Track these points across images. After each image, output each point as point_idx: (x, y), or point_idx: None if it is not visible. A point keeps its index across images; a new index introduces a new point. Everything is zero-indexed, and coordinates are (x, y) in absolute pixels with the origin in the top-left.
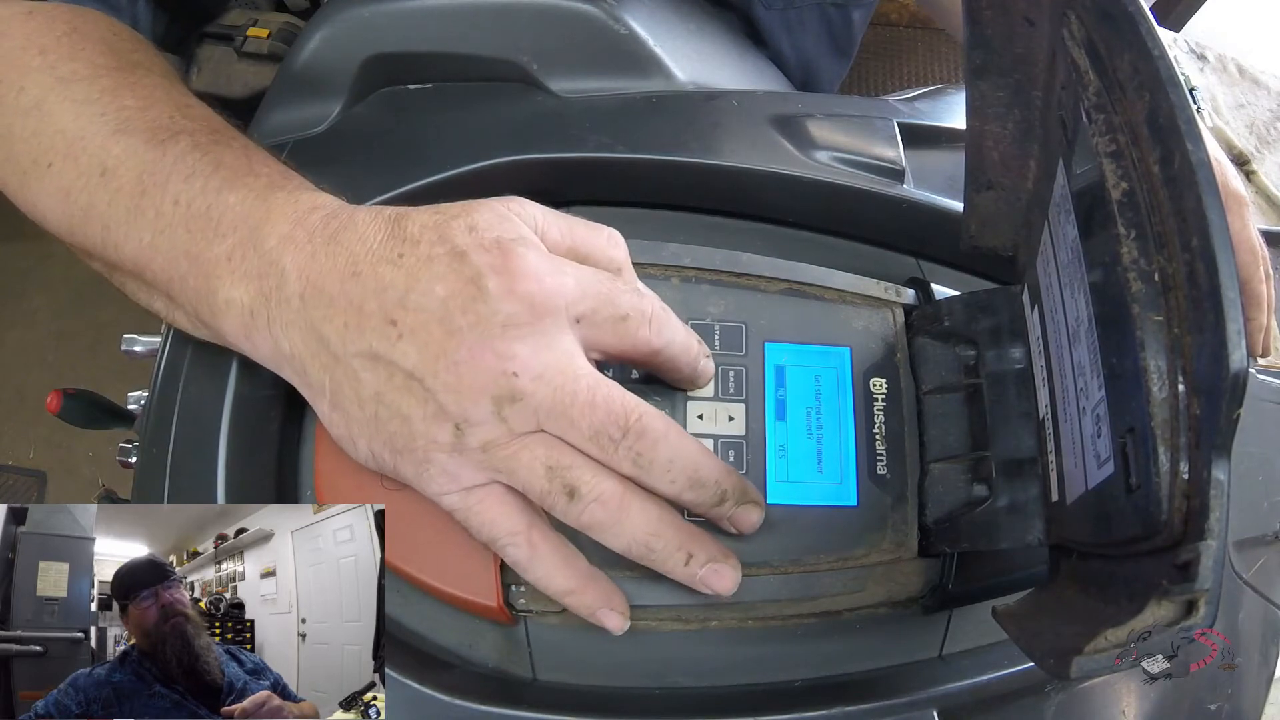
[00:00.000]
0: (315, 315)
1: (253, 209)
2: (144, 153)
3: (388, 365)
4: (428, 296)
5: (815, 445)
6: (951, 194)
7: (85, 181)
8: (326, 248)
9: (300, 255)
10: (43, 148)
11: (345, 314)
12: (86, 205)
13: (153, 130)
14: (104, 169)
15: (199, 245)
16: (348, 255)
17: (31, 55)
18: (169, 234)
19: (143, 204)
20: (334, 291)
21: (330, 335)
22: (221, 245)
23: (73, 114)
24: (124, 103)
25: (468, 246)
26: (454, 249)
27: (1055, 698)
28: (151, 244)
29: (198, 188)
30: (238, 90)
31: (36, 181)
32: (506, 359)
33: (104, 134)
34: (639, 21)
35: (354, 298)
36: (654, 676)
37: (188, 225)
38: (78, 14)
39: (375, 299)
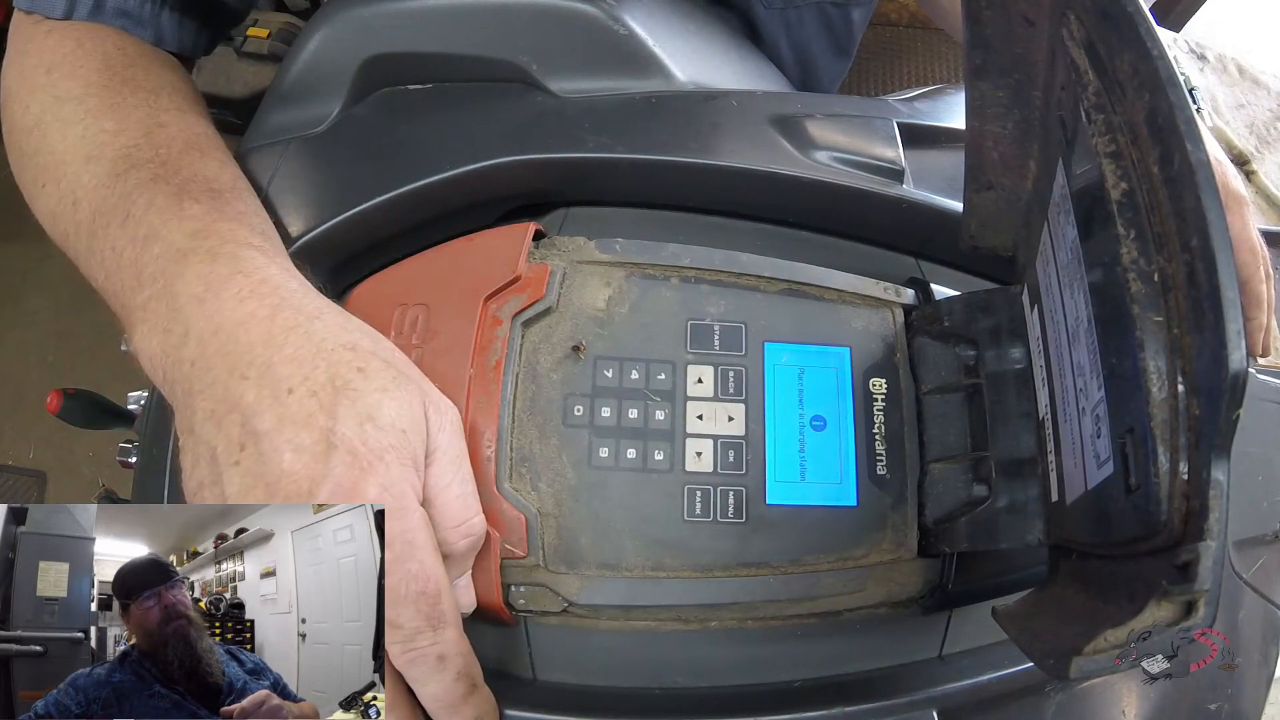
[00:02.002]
0: (196, 384)
1: (170, 263)
2: (102, 188)
3: (215, 475)
4: (275, 454)
5: (815, 445)
6: (951, 194)
7: (63, 208)
8: (232, 332)
9: (207, 324)
10: (40, 167)
11: (215, 403)
12: (64, 233)
13: (115, 160)
14: (75, 199)
15: (126, 294)
16: (245, 354)
17: (40, 73)
18: (111, 279)
19: (93, 246)
20: (217, 377)
21: (197, 409)
22: (141, 295)
23: (60, 135)
24: (102, 126)
25: (340, 442)
26: (330, 433)
27: (1055, 698)
28: (103, 285)
29: (129, 235)
30: (238, 90)
31: (35, 200)
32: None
33: (80, 160)
34: (639, 21)
35: (230, 396)
36: (654, 676)
37: (120, 274)
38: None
39: (241, 414)
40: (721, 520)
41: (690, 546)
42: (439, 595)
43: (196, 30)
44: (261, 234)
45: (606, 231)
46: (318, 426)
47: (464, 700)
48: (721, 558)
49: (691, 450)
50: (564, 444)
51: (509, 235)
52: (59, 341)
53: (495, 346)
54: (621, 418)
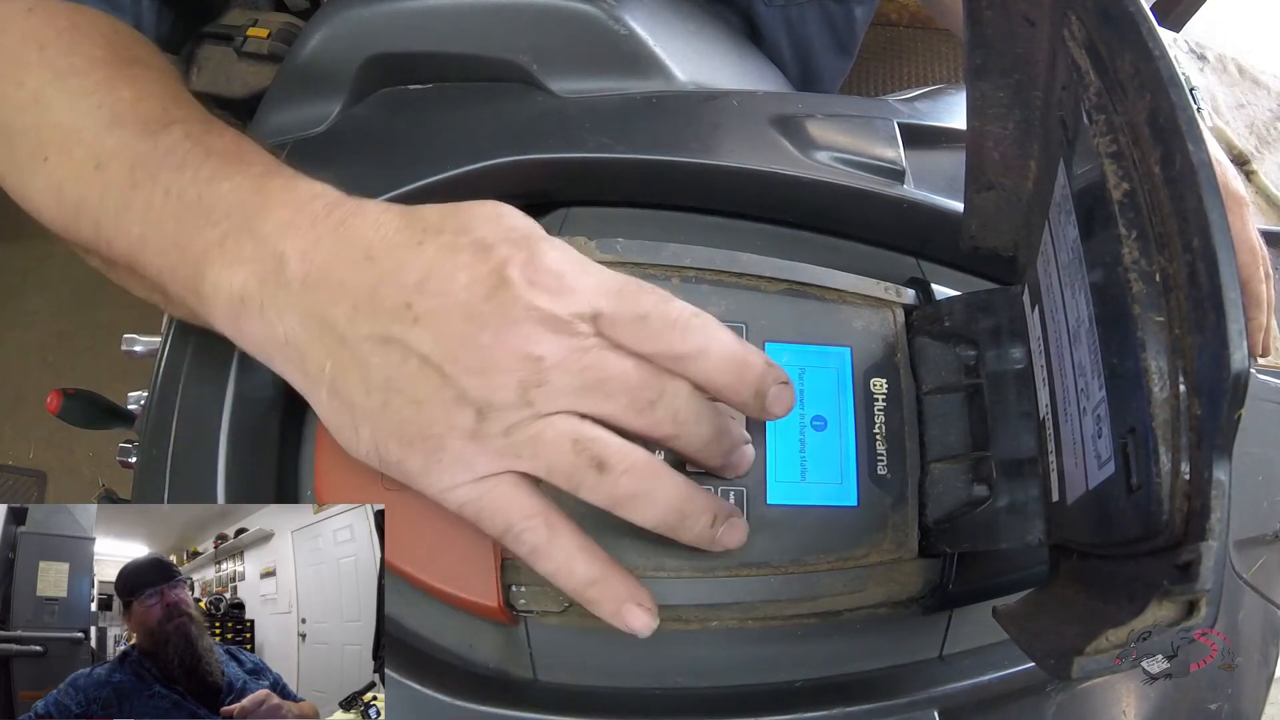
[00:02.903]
0: (320, 299)
1: (248, 196)
2: (136, 144)
3: (402, 349)
4: (450, 282)
5: (815, 445)
6: (951, 194)
7: (78, 176)
8: (334, 233)
9: (303, 240)
10: (40, 141)
11: (355, 297)
12: (79, 200)
13: (145, 122)
14: (98, 162)
15: (188, 234)
16: (360, 240)
17: (30, 50)
18: (159, 226)
19: (132, 197)
20: (343, 275)
21: (337, 319)
22: (213, 232)
23: (68, 107)
24: (120, 95)
25: (493, 238)
26: (478, 239)
27: (1056, 698)
28: (141, 236)
29: (188, 177)
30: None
31: (32, 176)
32: (533, 342)
33: (98, 127)
34: (639, 21)
35: (366, 281)
36: (654, 676)
37: (178, 216)
38: (77, 11)
39: (391, 282)
40: None
41: (690, 546)
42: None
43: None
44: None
45: (606, 231)
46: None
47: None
48: (721, 558)
49: None
50: None
51: None
52: (59, 341)
53: None
54: None
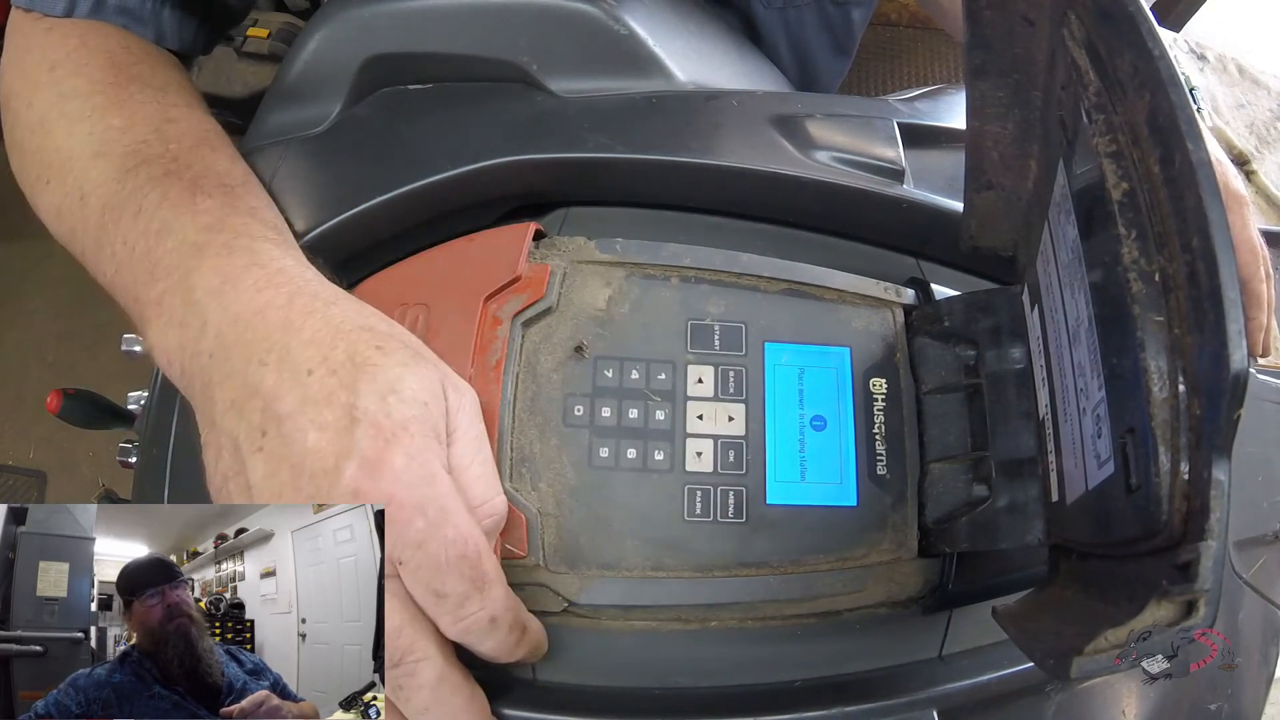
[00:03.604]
0: (215, 375)
1: (185, 256)
2: (110, 184)
3: (238, 463)
4: (299, 434)
5: (815, 445)
6: (951, 194)
7: (70, 204)
8: (250, 321)
9: (224, 315)
10: (43, 163)
11: (236, 392)
12: (70, 229)
13: (125, 155)
14: (82, 194)
15: (139, 288)
16: (264, 341)
17: (43, 71)
18: (122, 273)
19: (102, 239)
20: (236, 367)
21: (217, 400)
22: (155, 289)
23: (66, 132)
24: (110, 122)
25: (363, 416)
26: (352, 408)
27: (1055, 698)
28: (111, 281)
29: (140, 229)
30: (238, 90)
31: (39, 196)
32: None
33: (87, 156)
34: (639, 21)
35: (248, 385)
36: (654, 676)
37: (133, 268)
38: (90, 28)
39: (263, 399)
40: (722, 520)
41: (690, 546)
42: (479, 556)
43: (196, 28)
44: (274, 228)
45: (606, 231)
46: (339, 403)
47: (518, 645)
48: (721, 558)
49: (692, 450)
50: (564, 444)
51: (509, 235)
52: (59, 341)
53: (495, 346)
54: (622, 418)
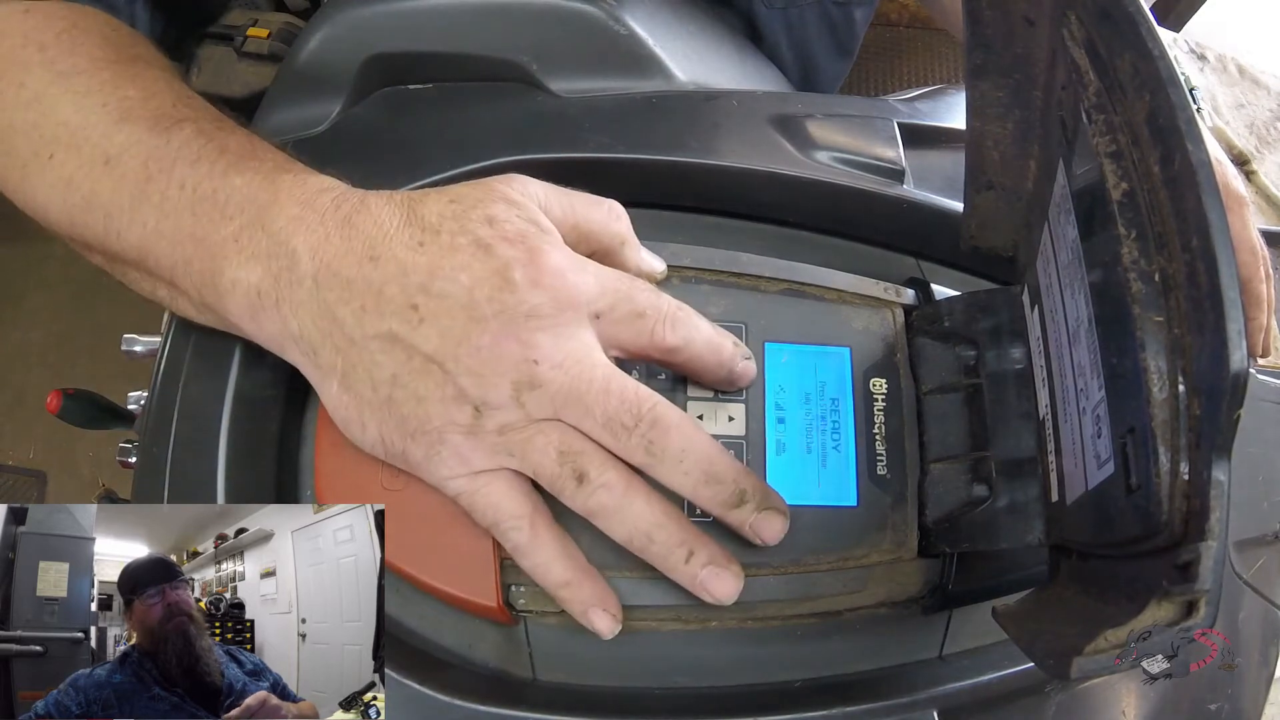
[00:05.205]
0: (330, 297)
1: (260, 190)
2: (148, 140)
3: (407, 348)
4: (452, 284)
5: (815, 445)
6: (951, 194)
7: (88, 171)
8: (340, 230)
9: (312, 237)
10: (44, 140)
11: (363, 297)
12: (89, 194)
13: (156, 118)
14: (107, 158)
15: (205, 227)
16: (364, 239)
17: (31, 51)
18: (174, 218)
19: (148, 189)
20: (350, 275)
21: (346, 318)
22: (228, 227)
23: (74, 106)
24: (126, 93)
25: (491, 239)
26: (478, 240)
27: (1055, 698)
28: (156, 228)
29: (203, 171)
30: (238, 90)
31: (37, 174)
32: (529, 347)
33: (107, 123)
34: (639, 21)
35: (373, 282)
36: (654, 676)
37: (194, 209)
38: (76, 11)
39: (396, 283)
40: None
41: None
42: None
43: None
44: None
45: None
46: (463, 245)
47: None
48: None
49: None
50: None
51: None
52: (59, 341)
53: None
54: None
